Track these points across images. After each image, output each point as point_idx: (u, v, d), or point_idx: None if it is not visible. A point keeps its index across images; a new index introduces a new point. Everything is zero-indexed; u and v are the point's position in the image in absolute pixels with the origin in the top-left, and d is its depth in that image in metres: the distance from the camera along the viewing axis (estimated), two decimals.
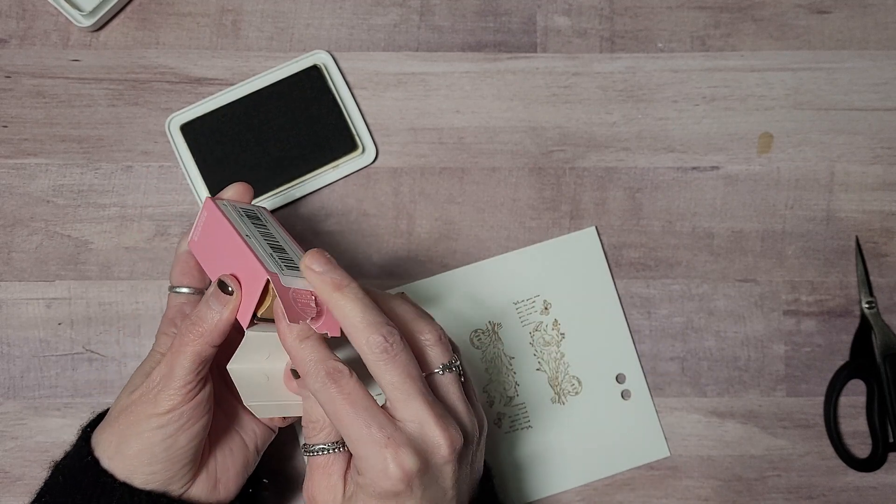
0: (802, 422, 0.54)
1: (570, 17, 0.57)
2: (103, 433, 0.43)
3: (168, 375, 0.41)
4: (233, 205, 0.44)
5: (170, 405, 0.41)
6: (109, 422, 0.43)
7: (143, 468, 0.41)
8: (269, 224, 0.45)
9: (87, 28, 0.55)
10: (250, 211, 0.45)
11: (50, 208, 0.54)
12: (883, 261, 0.55)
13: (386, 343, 0.38)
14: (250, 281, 0.40)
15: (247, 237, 0.41)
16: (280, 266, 0.40)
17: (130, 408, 0.42)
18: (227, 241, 0.41)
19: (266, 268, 0.39)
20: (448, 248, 0.55)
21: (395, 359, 0.38)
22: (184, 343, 0.40)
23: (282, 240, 0.43)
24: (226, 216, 0.42)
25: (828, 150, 0.56)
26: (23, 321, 0.54)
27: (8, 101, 0.55)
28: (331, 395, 0.38)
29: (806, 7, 0.57)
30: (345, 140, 0.55)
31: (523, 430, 0.53)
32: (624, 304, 0.55)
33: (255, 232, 0.43)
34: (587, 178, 0.56)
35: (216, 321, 0.40)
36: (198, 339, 0.40)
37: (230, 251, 0.41)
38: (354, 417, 0.37)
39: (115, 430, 0.42)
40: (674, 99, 0.56)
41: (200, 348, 0.40)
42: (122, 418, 0.42)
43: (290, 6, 0.57)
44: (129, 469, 0.41)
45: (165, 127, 0.55)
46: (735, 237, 0.55)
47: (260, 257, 0.40)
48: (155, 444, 0.41)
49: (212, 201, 0.44)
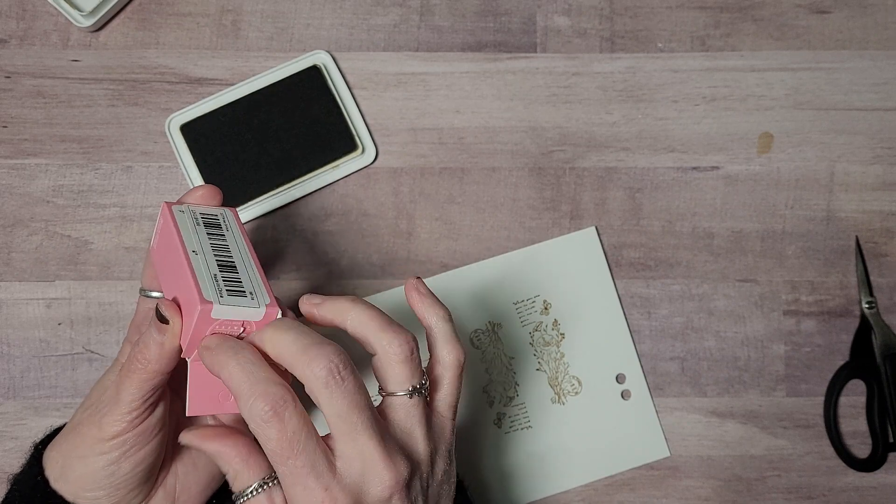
0: (802, 422, 0.54)
1: (570, 17, 0.57)
2: (52, 451, 0.41)
3: (114, 401, 0.38)
4: (193, 210, 0.41)
5: (113, 431, 0.38)
6: (59, 440, 0.41)
7: (87, 493, 0.39)
8: (230, 233, 0.41)
9: (87, 28, 0.55)
10: (212, 218, 0.41)
11: (50, 208, 0.54)
12: (883, 261, 0.55)
13: (331, 368, 0.34)
14: (188, 307, 0.37)
15: (192, 253, 0.38)
16: (219, 291, 0.37)
17: (80, 427, 0.40)
18: (174, 256, 0.39)
19: (201, 294, 0.36)
20: (448, 248, 0.55)
21: (341, 386, 0.35)
22: (130, 370, 0.38)
23: (238, 254, 0.40)
24: (176, 226, 0.39)
25: (828, 150, 0.56)
26: (23, 321, 0.54)
27: (8, 101, 0.55)
28: (269, 434, 0.34)
29: (806, 7, 0.57)
30: (345, 140, 0.55)
31: (523, 430, 0.53)
32: (624, 304, 0.55)
33: (206, 246, 0.39)
34: (587, 178, 0.56)
35: (157, 350, 0.37)
36: (142, 368, 0.37)
37: (176, 268, 0.38)
38: (293, 462, 0.34)
39: (62, 450, 0.40)
40: (674, 99, 0.56)
41: (147, 376, 0.37)
42: (68, 439, 0.40)
43: (290, 6, 0.57)
44: (73, 492, 0.40)
45: (165, 127, 0.55)
46: (735, 237, 0.55)
47: (199, 280, 0.37)
48: (97, 470, 0.39)
49: (168, 207, 0.40)
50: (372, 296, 0.54)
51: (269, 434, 0.34)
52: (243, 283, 0.38)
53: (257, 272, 0.40)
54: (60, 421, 0.53)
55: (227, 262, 0.39)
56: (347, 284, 0.54)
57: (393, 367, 0.37)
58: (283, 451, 0.34)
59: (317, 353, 0.35)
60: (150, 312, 0.39)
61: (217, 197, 0.42)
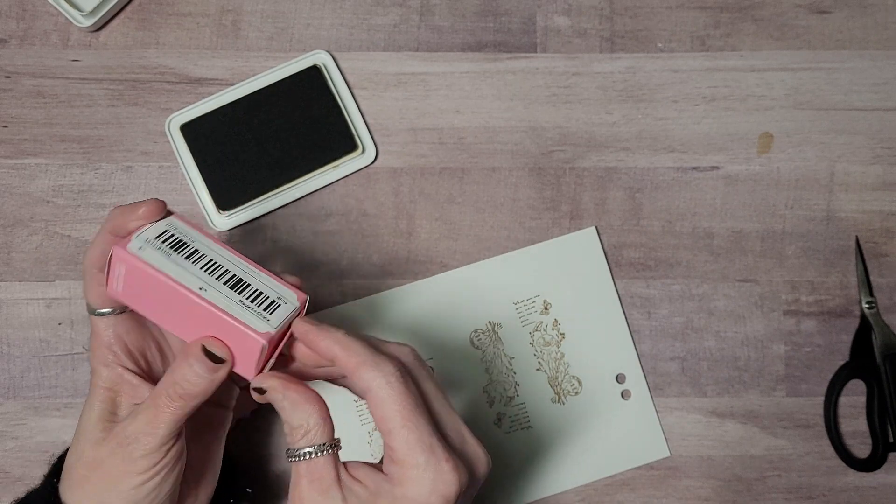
0: (802, 422, 0.54)
1: (570, 17, 0.57)
2: (77, 492, 0.40)
3: (147, 434, 0.38)
4: (148, 238, 0.38)
5: (151, 463, 0.38)
6: (81, 480, 0.40)
7: None
8: (198, 243, 0.39)
9: (87, 28, 0.55)
10: (171, 238, 0.39)
11: (50, 208, 0.54)
12: (883, 261, 0.55)
13: (401, 368, 0.36)
14: (241, 347, 0.37)
15: (201, 291, 0.37)
16: (260, 315, 0.37)
17: (105, 465, 0.39)
18: (175, 300, 0.37)
19: (255, 331, 0.36)
20: (448, 248, 0.55)
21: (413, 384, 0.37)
22: (168, 405, 0.38)
23: (228, 262, 0.39)
24: (157, 269, 0.37)
25: (828, 150, 0.56)
26: (23, 321, 0.54)
27: (8, 101, 0.55)
28: (399, 392, 0.35)
29: (806, 7, 0.57)
30: (345, 140, 0.55)
31: (523, 430, 0.53)
32: (624, 304, 0.55)
33: (201, 275, 0.38)
34: (587, 178, 0.56)
35: (207, 385, 0.37)
36: (182, 405, 0.38)
37: (189, 311, 0.37)
38: (417, 421, 0.35)
39: (92, 490, 0.39)
40: (674, 99, 0.56)
41: (189, 408, 0.38)
42: (96, 477, 0.39)
43: (290, 6, 0.57)
44: None
45: (165, 127, 0.55)
46: (735, 237, 0.55)
47: (239, 317, 0.37)
48: (139, 501, 0.39)
49: (123, 252, 0.37)
50: (372, 296, 0.54)
51: (399, 392, 0.35)
52: (265, 292, 0.38)
53: (252, 267, 0.39)
54: (60, 421, 0.53)
55: (234, 279, 0.38)
56: (347, 284, 0.54)
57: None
58: (410, 412, 0.35)
59: (394, 350, 0.38)
60: (117, 331, 0.40)
61: (163, 208, 0.40)
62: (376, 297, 0.54)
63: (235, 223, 0.54)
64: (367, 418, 0.53)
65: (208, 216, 0.54)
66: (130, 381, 0.41)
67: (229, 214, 0.54)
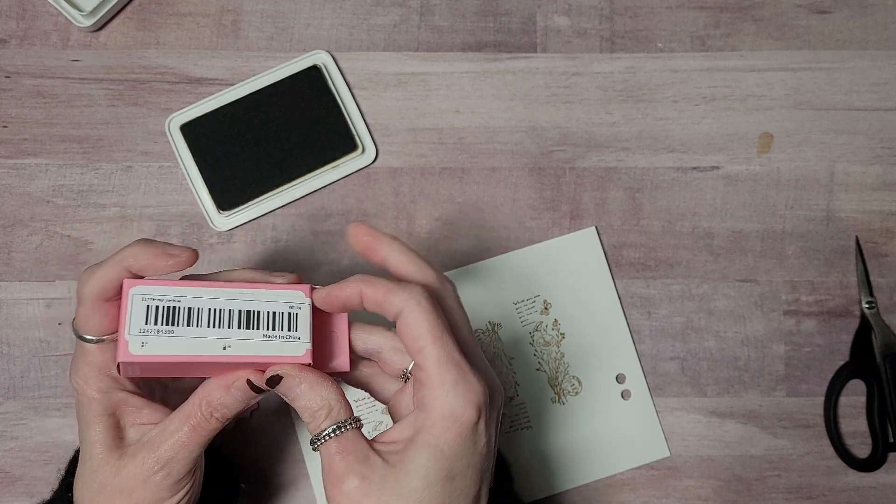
0: (802, 422, 0.54)
1: (570, 17, 0.57)
2: None
3: (182, 458, 0.38)
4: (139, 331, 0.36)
5: (183, 484, 0.39)
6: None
7: None
8: (185, 301, 0.37)
9: (87, 28, 0.55)
10: (157, 313, 0.37)
11: (50, 208, 0.54)
12: (883, 261, 0.55)
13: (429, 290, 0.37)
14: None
15: (225, 350, 0.37)
16: (286, 337, 0.37)
17: (136, 493, 0.38)
18: (206, 367, 0.37)
19: (295, 358, 0.37)
20: (448, 248, 0.55)
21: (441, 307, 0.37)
22: (202, 427, 0.38)
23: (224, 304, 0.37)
24: (168, 358, 0.36)
25: (828, 150, 0.56)
26: (23, 321, 0.54)
27: (8, 101, 0.55)
28: (425, 315, 0.36)
29: (806, 7, 0.57)
30: (345, 140, 0.55)
31: (523, 430, 0.53)
32: (624, 304, 0.55)
33: (210, 333, 0.37)
34: (587, 178, 0.56)
35: (241, 409, 0.38)
36: (218, 425, 0.38)
37: (221, 369, 0.37)
38: (446, 338, 0.36)
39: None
40: (674, 99, 0.56)
41: (218, 430, 0.39)
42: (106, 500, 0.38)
43: (290, 6, 0.57)
44: None
45: (165, 127, 0.55)
46: (735, 237, 0.55)
47: (274, 355, 0.37)
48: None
49: (132, 361, 0.35)
50: None
51: (428, 312, 0.36)
52: (276, 310, 0.38)
53: (244, 290, 0.38)
54: (60, 421, 0.53)
55: (242, 316, 0.38)
56: None
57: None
58: (440, 331, 0.36)
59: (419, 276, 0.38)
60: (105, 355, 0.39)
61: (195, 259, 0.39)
62: None
63: (235, 223, 0.54)
64: (368, 418, 0.53)
65: (208, 216, 0.54)
66: (134, 403, 0.40)
67: (229, 214, 0.54)
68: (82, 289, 0.38)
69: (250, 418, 0.53)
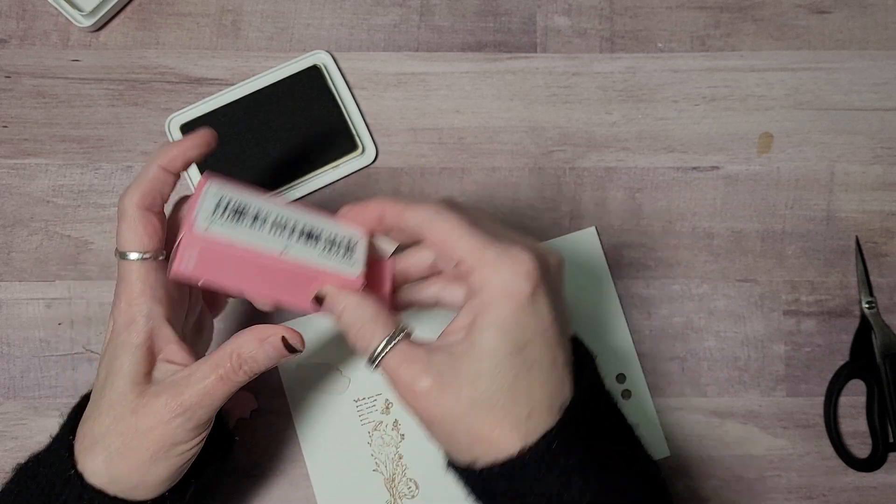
0: (802, 422, 0.54)
1: (570, 17, 0.57)
2: (117, 464, 0.38)
3: (206, 405, 0.38)
4: (207, 214, 0.37)
5: (201, 430, 0.39)
6: (122, 451, 0.38)
7: (163, 487, 0.40)
8: (254, 204, 0.39)
9: (87, 28, 0.55)
10: (227, 205, 0.38)
11: (50, 208, 0.54)
12: (883, 261, 0.55)
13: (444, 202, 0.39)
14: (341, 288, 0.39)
15: (284, 252, 0.38)
16: (342, 258, 0.39)
17: (154, 433, 0.38)
18: (262, 267, 0.38)
19: (349, 276, 0.39)
20: None
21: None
22: (231, 378, 0.38)
23: (291, 217, 0.39)
24: (229, 243, 0.37)
25: (828, 150, 0.56)
26: (23, 321, 0.54)
27: (8, 101, 0.55)
28: (447, 217, 0.37)
29: (806, 7, 0.57)
30: (345, 140, 0.55)
31: None
32: (624, 304, 0.55)
33: (272, 234, 0.38)
34: (587, 178, 0.56)
35: (271, 365, 0.39)
36: (246, 378, 0.39)
37: (275, 274, 0.38)
38: (475, 228, 0.37)
39: (136, 460, 0.38)
40: (674, 99, 0.56)
41: (242, 385, 0.39)
42: (142, 446, 0.38)
43: (290, 6, 0.57)
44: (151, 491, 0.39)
45: (165, 127, 0.55)
46: (735, 237, 0.55)
47: (330, 268, 0.38)
48: (182, 466, 0.39)
49: (196, 237, 0.36)
50: None
51: (450, 213, 0.38)
52: (336, 236, 0.39)
53: (310, 213, 0.40)
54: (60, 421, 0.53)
55: (305, 231, 0.39)
56: None
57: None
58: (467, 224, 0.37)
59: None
60: (152, 276, 0.39)
61: (214, 136, 0.41)
62: None
63: None
64: (368, 418, 0.53)
65: None
66: (168, 336, 0.40)
67: None
68: (124, 200, 0.39)
69: (250, 418, 0.53)
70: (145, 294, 0.39)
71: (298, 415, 0.52)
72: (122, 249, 0.39)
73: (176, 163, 0.40)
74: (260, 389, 0.53)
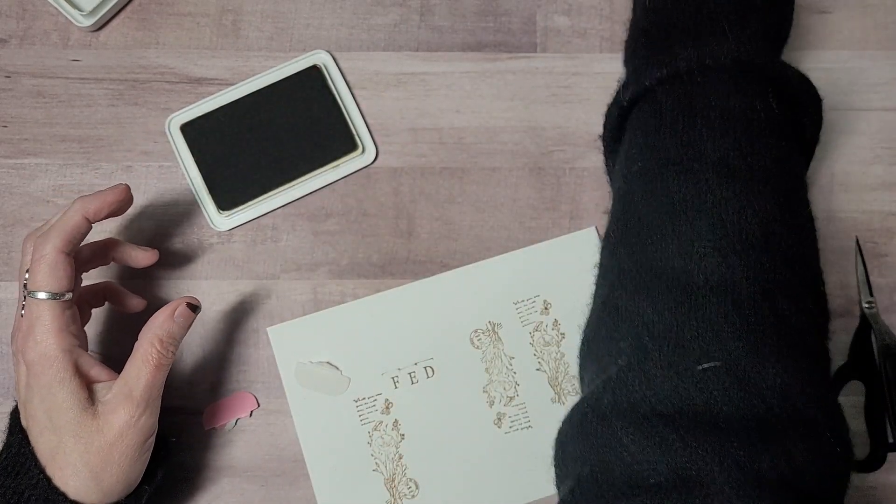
0: None
1: (570, 17, 0.57)
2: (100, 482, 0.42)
3: (154, 398, 0.43)
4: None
5: (156, 423, 0.44)
6: (99, 472, 0.42)
7: (138, 481, 0.44)
8: None
9: (87, 28, 0.55)
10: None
11: (50, 208, 0.54)
12: (883, 261, 0.55)
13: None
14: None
15: None
16: None
17: (124, 441, 0.42)
18: None
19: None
20: (448, 248, 0.55)
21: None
22: (165, 355, 0.43)
23: None
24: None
25: (828, 150, 0.56)
26: None
27: (8, 101, 0.55)
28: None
29: (806, 7, 0.57)
30: (345, 140, 0.55)
31: (523, 430, 0.53)
32: None
33: None
34: (587, 178, 0.56)
35: (186, 331, 0.45)
36: (175, 349, 0.44)
37: None
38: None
39: (117, 473, 0.43)
40: None
41: (172, 360, 0.44)
42: (117, 459, 0.42)
43: (290, 6, 0.57)
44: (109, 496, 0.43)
45: (165, 127, 0.55)
46: None
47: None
48: (149, 450, 0.44)
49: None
50: (372, 296, 0.54)
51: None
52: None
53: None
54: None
55: None
56: (347, 284, 0.54)
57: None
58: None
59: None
60: (65, 314, 0.43)
61: (127, 192, 0.47)
62: (376, 297, 0.54)
63: (235, 223, 0.54)
64: (368, 418, 0.53)
65: (208, 216, 0.54)
66: (89, 361, 0.44)
67: (229, 214, 0.54)
68: (46, 245, 0.43)
69: (250, 418, 0.53)
70: (64, 330, 0.42)
71: (298, 415, 0.53)
72: (38, 289, 0.42)
73: (99, 214, 0.45)
74: (260, 389, 0.53)
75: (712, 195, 0.39)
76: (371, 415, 0.53)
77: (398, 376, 0.53)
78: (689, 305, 0.37)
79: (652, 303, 0.38)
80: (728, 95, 0.41)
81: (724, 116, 0.40)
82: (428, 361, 0.53)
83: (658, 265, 0.39)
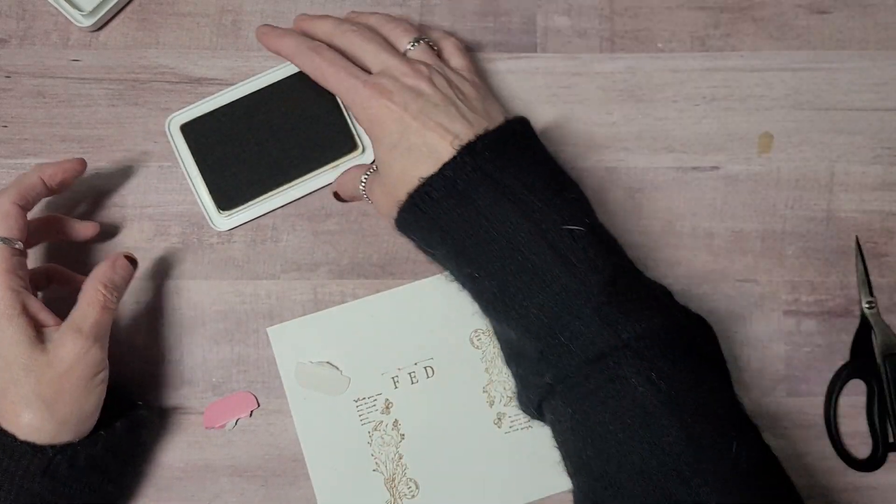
0: (802, 422, 0.54)
1: (570, 17, 0.57)
2: (45, 419, 0.43)
3: (103, 331, 0.46)
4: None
5: (104, 360, 0.46)
6: (47, 407, 0.43)
7: (95, 417, 0.46)
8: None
9: (87, 28, 0.55)
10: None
11: (50, 208, 0.54)
12: (883, 261, 0.55)
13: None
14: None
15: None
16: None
17: (73, 376, 0.44)
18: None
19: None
20: None
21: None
22: (110, 300, 0.46)
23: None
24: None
25: (828, 150, 0.56)
26: None
27: (8, 101, 0.55)
28: (316, 62, 0.48)
29: (806, 7, 0.57)
30: (345, 140, 0.55)
31: (523, 430, 0.53)
32: None
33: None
34: (587, 178, 0.56)
35: (126, 282, 0.48)
36: (119, 295, 0.47)
37: None
38: (336, 72, 0.47)
39: (65, 408, 0.44)
40: (674, 99, 0.56)
41: (117, 305, 0.47)
42: (67, 394, 0.44)
43: (290, 6, 0.57)
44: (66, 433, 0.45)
45: (165, 127, 0.55)
46: (735, 237, 0.55)
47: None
48: (103, 388, 0.46)
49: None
50: (372, 296, 0.54)
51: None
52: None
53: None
54: None
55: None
56: (347, 284, 0.54)
57: (392, 38, 0.50)
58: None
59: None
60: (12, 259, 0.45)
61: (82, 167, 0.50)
62: (376, 297, 0.54)
63: (235, 223, 0.54)
64: (368, 418, 0.53)
65: (208, 216, 0.54)
66: (37, 305, 0.46)
67: (229, 214, 0.54)
68: (2, 197, 0.45)
69: (250, 418, 0.53)
70: (11, 272, 0.45)
71: (298, 415, 0.53)
72: (6, 237, 0.45)
73: (55, 177, 0.48)
74: (260, 389, 0.53)
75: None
76: (371, 415, 0.53)
77: (398, 376, 0.53)
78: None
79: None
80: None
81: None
82: (428, 361, 0.53)
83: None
